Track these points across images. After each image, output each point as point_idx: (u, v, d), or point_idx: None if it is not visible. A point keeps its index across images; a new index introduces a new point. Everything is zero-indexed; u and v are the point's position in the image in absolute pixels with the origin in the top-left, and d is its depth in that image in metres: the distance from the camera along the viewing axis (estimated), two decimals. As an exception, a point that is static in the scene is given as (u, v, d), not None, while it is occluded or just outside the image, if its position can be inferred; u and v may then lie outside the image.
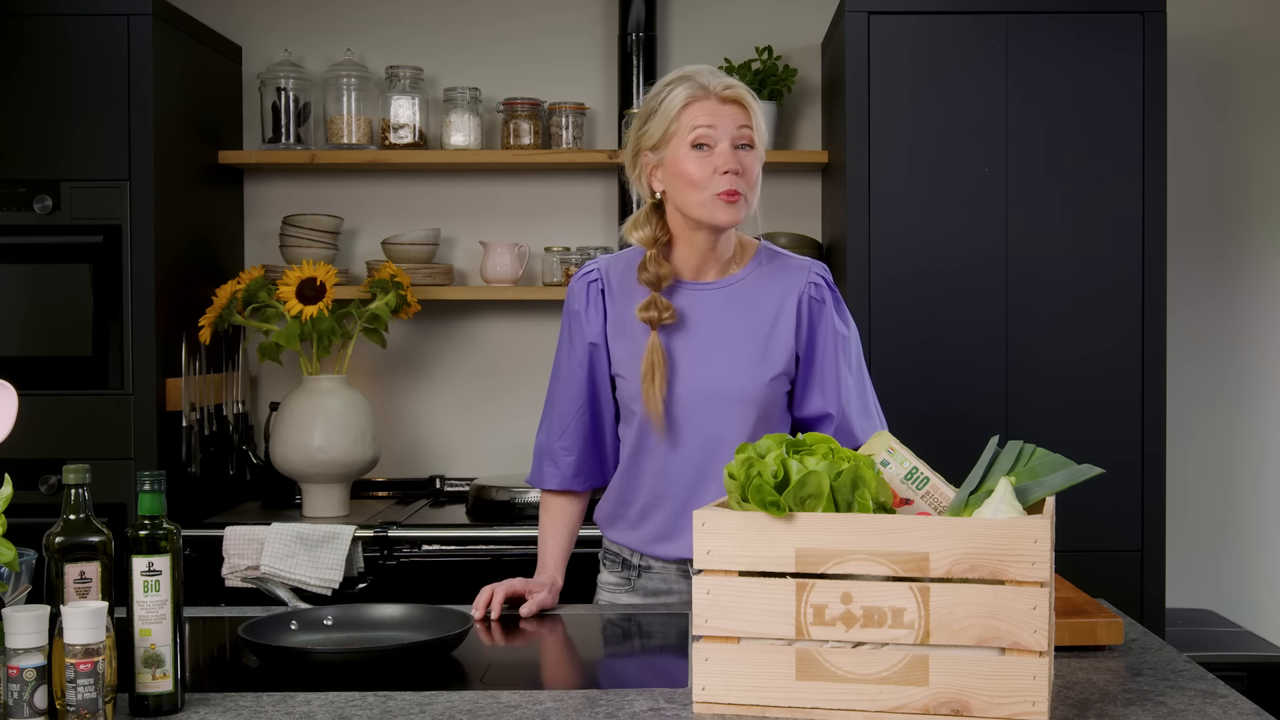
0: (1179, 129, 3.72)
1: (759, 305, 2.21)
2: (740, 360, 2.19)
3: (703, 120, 2.09)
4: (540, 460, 2.35)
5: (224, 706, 1.67)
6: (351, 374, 3.60)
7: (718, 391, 2.18)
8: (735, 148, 2.10)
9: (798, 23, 3.79)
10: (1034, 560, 1.54)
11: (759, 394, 2.18)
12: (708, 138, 2.10)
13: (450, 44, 3.83)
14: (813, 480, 1.62)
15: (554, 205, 3.82)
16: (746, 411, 2.18)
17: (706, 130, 2.09)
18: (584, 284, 2.26)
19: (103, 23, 3.19)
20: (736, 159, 2.09)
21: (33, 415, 2.31)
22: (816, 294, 2.21)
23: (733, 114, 2.10)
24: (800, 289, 2.21)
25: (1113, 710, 1.63)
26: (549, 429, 2.33)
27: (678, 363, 2.19)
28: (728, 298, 2.21)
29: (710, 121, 2.09)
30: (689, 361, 2.19)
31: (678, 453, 2.21)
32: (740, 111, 2.11)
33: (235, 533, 3.16)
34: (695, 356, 2.19)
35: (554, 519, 2.36)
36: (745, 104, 2.11)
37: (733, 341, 2.19)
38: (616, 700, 1.68)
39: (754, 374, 2.18)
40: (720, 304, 2.21)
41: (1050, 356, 3.26)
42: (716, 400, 2.18)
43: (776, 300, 2.21)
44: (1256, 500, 3.80)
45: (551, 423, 2.32)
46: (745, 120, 2.11)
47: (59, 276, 3.21)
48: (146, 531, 1.62)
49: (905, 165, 3.27)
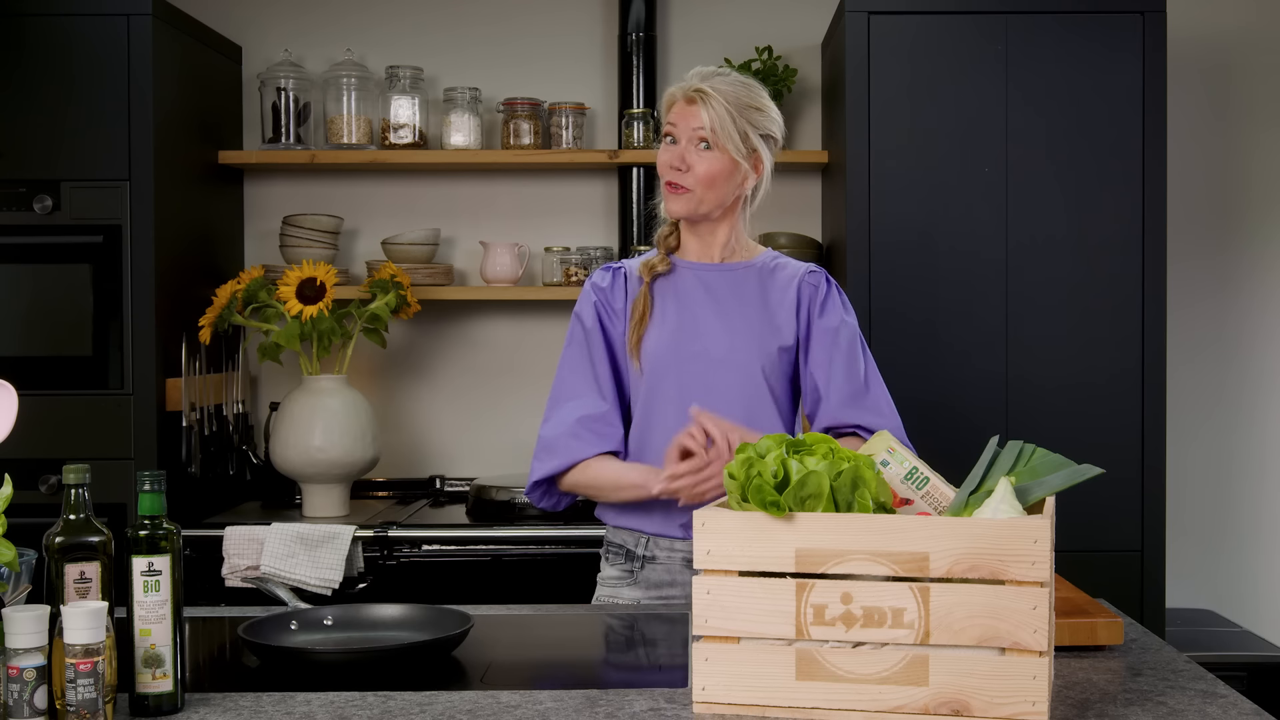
0: (1179, 129, 3.72)
1: (764, 288, 2.34)
2: (753, 326, 2.30)
3: (670, 118, 2.28)
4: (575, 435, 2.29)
5: (224, 706, 1.67)
6: (351, 374, 3.60)
7: (726, 356, 2.28)
8: (692, 144, 2.25)
9: (798, 23, 3.79)
10: (1034, 560, 1.54)
11: (766, 361, 2.29)
12: (672, 134, 2.28)
13: (450, 44, 3.83)
14: (813, 480, 1.62)
15: (554, 205, 3.82)
16: (755, 379, 2.28)
17: (670, 128, 2.28)
18: (609, 270, 2.39)
19: (103, 23, 3.19)
20: (681, 156, 2.25)
21: (33, 415, 2.31)
22: (814, 280, 2.35)
23: (692, 113, 2.25)
24: (799, 278, 2.35)
25: (1113, 710, 1.63)
26: (585, 401, 2.31)
27: (687, 327, 2.30)
28: (733, 278, 2.34)
29: (674, 120, 2.27)
30: (699, 327, 2.30)
31: (685, 421, 2.23)
32: (696, 111, 2.24)
33: (235, 533, 3.16)
34: (705, 323, 2.30)
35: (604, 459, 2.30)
36: (703, 106, 2.24)
37: (745, 310, 2.32)
38: (616, 700, 1.68)
39: (763, 340, 2.29)
40: (732, 281, 2.34)
41: (1050, 356, 3.26)
42: (725, 366, 2.28)
43: (779, 286, 2.34)
44: (1256, 500, 3.80)
45: (591, 394, 2.31)
46: (699, 121, 2.24)
47: (59, 276, 3.21)
48: (146, 531, 1.62)
49: (905, 165, 3.27)
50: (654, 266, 2.33)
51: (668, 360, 2.29)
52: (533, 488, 2.35)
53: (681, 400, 2.25)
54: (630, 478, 2.26)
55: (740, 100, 2.26)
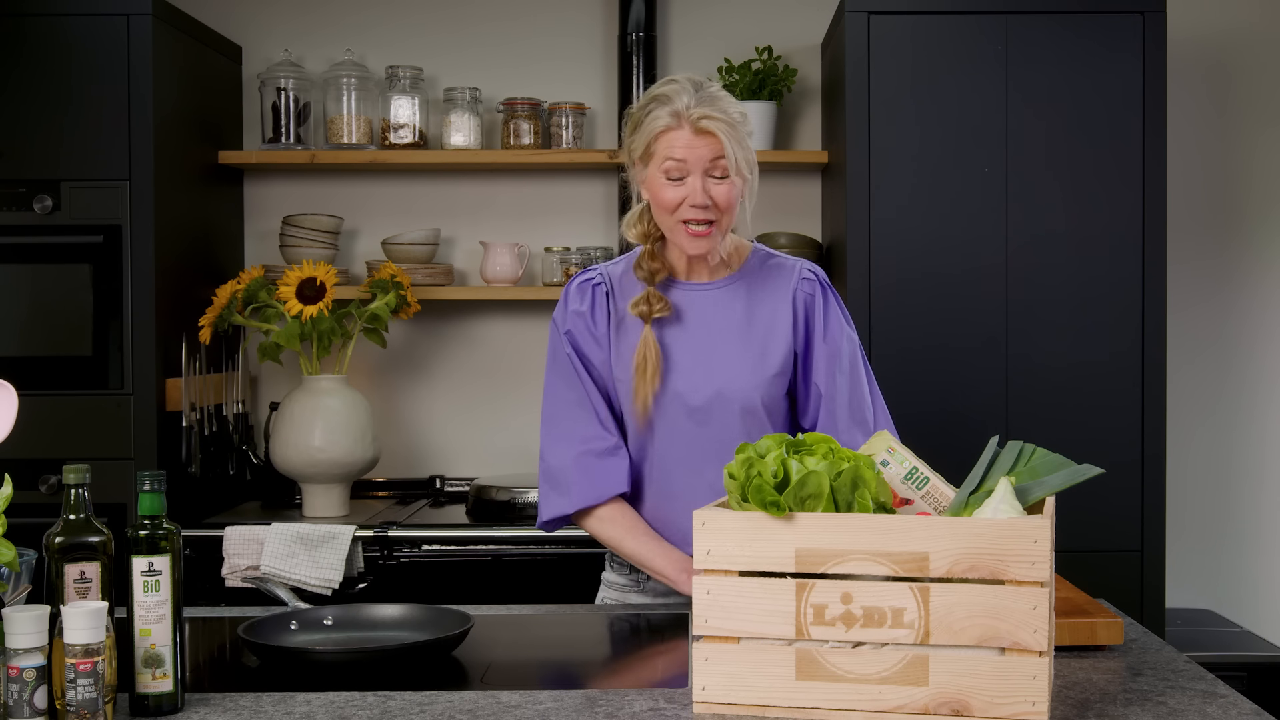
0: (1179, 129, 3.72)
1: (755, 305, 2.21)
2: (739, 359, 2.19)
3: (676, 153, 2.08)
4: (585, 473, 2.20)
5: (224, 706, 1.67)
6: (351, 374, 3.60)
7: (717, 391, 2.18)
8: (708, 176, 2.09)
9: (798, 23, 3.79)
10: (1034, 560, 1.54)
11: (759, 392, 2.18)
12: (679, 170, 2.09)
13: (450, 44, 3.83)
14: (813, 480, 1.62)
15: (554, 205, 3.82)
16: (755, 409, 2.18)
17: (678, 164, 2.08)
18: (587, 287, 2.25)
19: (103, 23, 3.19)
20: (706, 192, 2.08)
21: (33, 415, 2.31)
22: (809, 289, 2.21)
23: (707, 145, 2.07)
24: (793, 286, 2.21)
25: (1113, 710, 1.63)
26: (587, 431, 2.21)
27: (675, 362, 2.19)
28: (723, 298, 2.22)
29: (682, 155, 2.08)
30: (686, 360, 2.19)
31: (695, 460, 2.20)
32: (713, 143, 2.07)
33: (235, 533, 3.16)
34: (692, 355, 2.19)
35: (627, 514, 2.22)
36: (719, 135, 2.07)
37: (730, 340, 2.19)
38: (616, 700, 1.68)
39: (753, 372, 2.18)
40: (715, 304, 2.21)
41: (1050, 356, 3.26)
42: (727, 401, 2.17)
43: (772, 300, 2.21)
44: (1256, 500, 3.80)
45: (591, 424, 2.21)
46: (718, 152, 2.07)
47: (59, 276, 3.21)
48: (146, 531, 1.62)
49: (905, 165, 3.27)
50: (654, 309, 2.17)
51: (678, 405, 2.19)
52: (546, 524, 2.25)
53: (690, 440, 2.19)
54: (657, 564, 2.19)
55: (734, 117, 2.10)
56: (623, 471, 2.21)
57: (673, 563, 2.19)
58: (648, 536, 2.21)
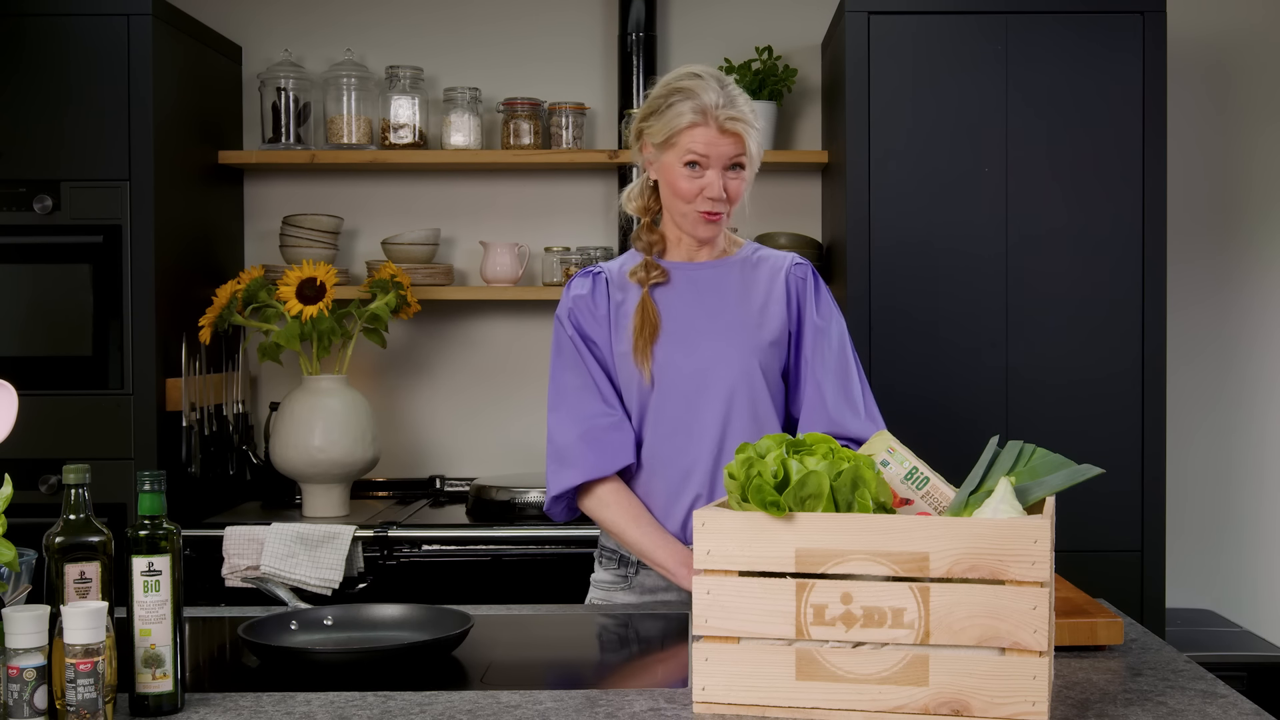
0: (1179, 129, 3.72)
1: (750, 283, 2.31)
2: (737, 326, 2.27)
3: (699, 148, 2.19)
4: (591, 446, 2.25)
5: (224, 706, 1.67)
6: (351, 374, 3.60)
7: (728, 359, 2.24)
8: (726, 169, 2.21)
9: (798, 23, 3.79)
10: (1034, 560, 1.54)
11: (756, 356, 2.25)
12: (701, 161, 2.20)
13: (450, 44, 3.83)
14: (813, 480, 1.62)
15: (554, 205, 3.82)
16: (754, 377, 2.24)
17: (701, 157, 2.19)
18: (588, 275, 2.34)
19: (103, 23, 3.19)
20: (723, 185, 2.20)
21: (33, 415, 2.31)
22: (801, 273, 2.32)
23: (730, 144, 2.19)
24: (785, 269, 2.32)
25: (1113, 710, 1.63)
26: (592, 408, 2.26)
27: (673, 328, 2.26)
28: (719, 275, 2.31)
29: (706, 150, 2.19)
30: (682, 327, 2.26)
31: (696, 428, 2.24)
32: (737, 142, 2.19)
33: (235, 533, 3.16)
34: (689, 323, 2.27)
35: (632, 501, 2.27)
36: (743, 135, 2.19)
37: (728, 309, 2.28)
38: (616, 700, 1.68)
39: (750, 337, 2.26)
40: (712, 279, 2.31)
41: (1050, 356, 3.26)
42: (728, 369, 2.24)
43: (766, 280, 2.31)
44: (1256, 500, 3.80)
45: (595, 401, 2.26)
46: (739, 150, 2.20)
47: (59, 276, 3.21)
48: (146, 531, 1.62)
49: (905, 165, 3.27)
50: (650, 275, 2.27)
51: (679, 368, 2.25)
52: (553, 502, 2.29)
53: (690, 407, 2.24)
54: (659, 557, 2.23)
55: (751, 116, 2.22)
56: (628, 445, 2.27)
57: (673, 556, 2.22)
58: (651, 526, 2.25)
